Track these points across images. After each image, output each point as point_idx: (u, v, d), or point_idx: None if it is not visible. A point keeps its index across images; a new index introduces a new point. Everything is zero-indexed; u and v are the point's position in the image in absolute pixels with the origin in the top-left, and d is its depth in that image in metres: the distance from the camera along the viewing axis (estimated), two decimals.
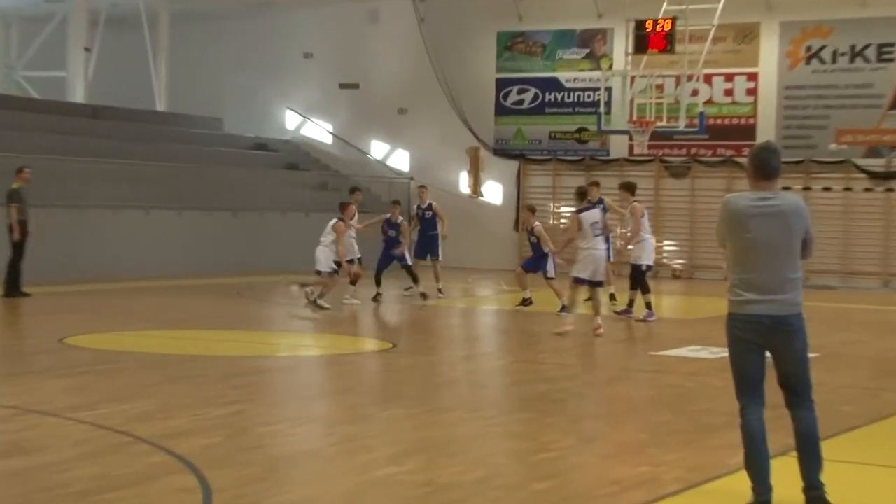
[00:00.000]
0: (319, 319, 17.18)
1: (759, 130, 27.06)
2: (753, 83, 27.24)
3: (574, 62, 29.30)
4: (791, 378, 6.16)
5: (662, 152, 28.08)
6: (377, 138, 31.85)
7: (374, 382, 11.24)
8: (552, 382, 10.99)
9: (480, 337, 16.25)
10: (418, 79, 30.63)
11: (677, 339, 14.84)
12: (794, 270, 6.11)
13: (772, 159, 6.21)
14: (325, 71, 32.14)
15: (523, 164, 29.88)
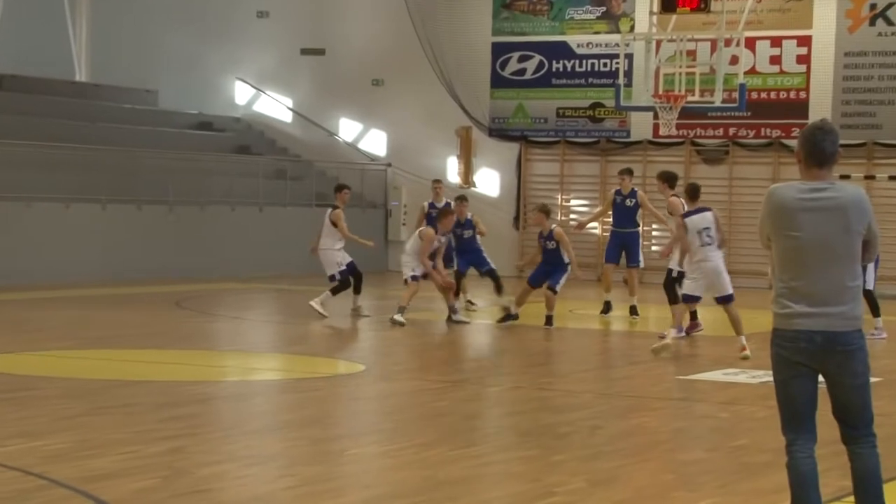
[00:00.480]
0: (275, 337, 17.19)
1: (811, 106, 27.17)
2: (805, 49, 27.36)
3: (587, 23, 29.39)
4: (848, 408, 6.20)
5: (694, 133, 28.18)
6: (347, 116, 31.89)
7: (341, 413, 11.28)
8: (559, 413, 11.04)
9: (472, 358, 16.30)
10: (397, 43, 30.68)
11: (710, 360, 14.90)
12: (854, 277, 6.14)
13: (826, 142, 6.23)
14: (283, 33, 32.16)
15: (525, 148, 29.97)
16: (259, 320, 19.42)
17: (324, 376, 13.60)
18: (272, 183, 28.86)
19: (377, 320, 19.37)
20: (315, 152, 31.43)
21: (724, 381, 12.97)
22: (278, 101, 32.47)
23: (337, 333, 18.09)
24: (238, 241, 27.07)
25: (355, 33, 31.49)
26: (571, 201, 29.66)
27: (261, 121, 32.65)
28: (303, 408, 11.31)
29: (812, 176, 6.23)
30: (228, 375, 13.54)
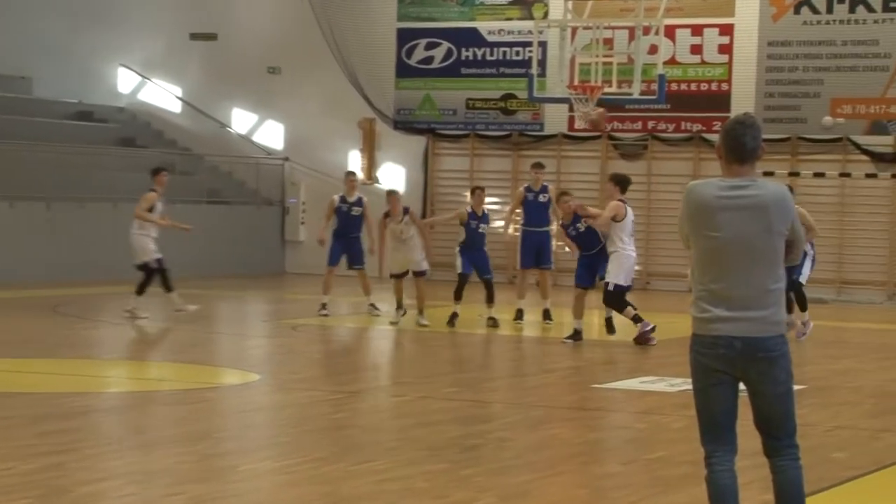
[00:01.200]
0: (161, 344, 17.07)
1: (734, 99, 27.55)
2: (727, 38, 27.73)
3: (499, 9, 29.53)
4: (770, 418, 6.29)
5: (611, 126, 28.44)
6: (240, 106, 31.72)
7: (233, 425, 11.23)
8: (467, 424, 11.09)
9: (374, 366, 16.31)
10: (295, 28, 30.58)
11: (626, 368, 15.06)
12: (776, 279, 6.22)
13: (747, 137, 6.30)
14: (170, 16, 31.91)
15: (432, 141, 30.03)
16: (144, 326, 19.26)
17: (214, 386, 13.52)
18: None
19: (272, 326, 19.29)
20: (206, 145, 31.22)
21: (640, 390, 13.11)
22: (166, 90, 32.20)
23: (229, 340, 17.99)
24: (121, 241, 26.69)
25: (250, 17, 31.33)
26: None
27: (147, 111, 32.36)
28: (191, 421, 11.24)
29: (733, 172, 6.29)
30: (111, 386, 13.43)
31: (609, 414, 11.88)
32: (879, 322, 22.10)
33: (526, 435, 10.87)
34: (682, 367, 14.03)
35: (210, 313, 21.58)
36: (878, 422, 11.64)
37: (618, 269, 16.61)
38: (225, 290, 25.12)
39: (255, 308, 23.32)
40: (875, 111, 26.82)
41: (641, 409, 12.04)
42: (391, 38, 30.17)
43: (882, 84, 26.66)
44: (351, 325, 19.79)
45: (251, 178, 30.83)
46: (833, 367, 15.87)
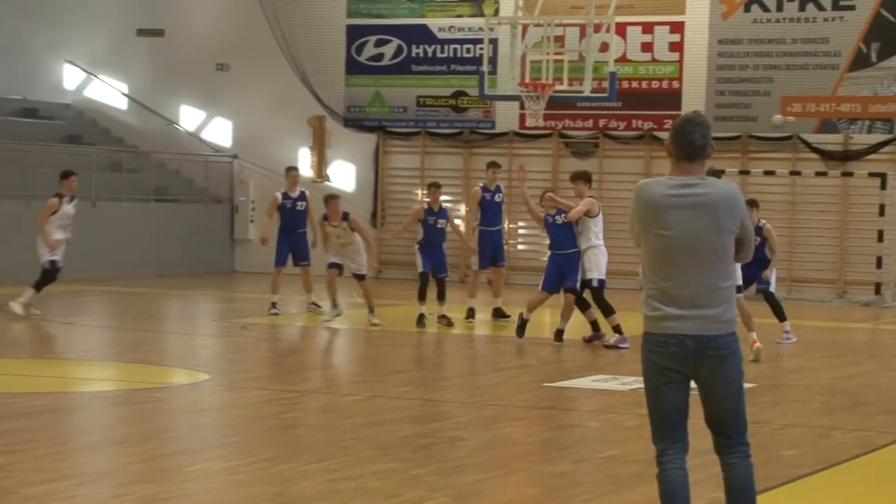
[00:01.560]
0: (109, 344, 16.99)
1: (684, 97, 27.68)
2: (678, 36, 27.88)
3: (449, 5, 29.56)
4: (721, 416, 6.34)
5: (563, 125, 28.52)
6: (188, 102, 31.58)
7: (182, 425, 11.20)
8: (419, 423, 11.10)
9: (325, 365, 16.29)
10: (244, 25, 30.48)
11: (579, 366, 15.12)
12: (726, 278, 6.27)
13: (696, 135, 6.33)
14: (117, 12, 31.73)
15: (383, 139, 30.02)
16: (91, 325, 19.16)
17: (163, 386, 13.47)
18: (106, 176, 28.46)
19: (222, 325, 19.24)
20: (153, 142, 31.06)
21: (593, 389, 13.17)
22: (112, 87, 32.00)
23: (177, 339, 17.92)
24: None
25: (197, 13, 31.20)
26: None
27: (93, 108, 32.16)
28: (140, 421, 11.20)
29: (682, 170, 6.33)
30: (57, 386, 13.34)
31: (561, 413, 11.93)
32: (829, 320, 22.29)
33: (478, 434, 10.90)
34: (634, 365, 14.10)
35: (159, 312, 21.51)
36: (828, 419, 11.75)
37: (596, 265, 16.74)
38: (174, 289, 25.02)
39: (204, 307, 23.24)
40: (825, 109, 27.03)
41: (594, 407, 12.10)
42: (341, 35, 30.13)
43: (832, 82, 26.87)
44: (301, 323, 19.77)
45: (199, 175, 30.71)
46: (783, 365, 16.00)
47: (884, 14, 26.47)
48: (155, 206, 29.15)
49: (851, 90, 26.78)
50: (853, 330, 21.40)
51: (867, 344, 19.22)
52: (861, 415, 12.05)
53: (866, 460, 9.92)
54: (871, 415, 12.07)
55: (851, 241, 26.71)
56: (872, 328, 21.96)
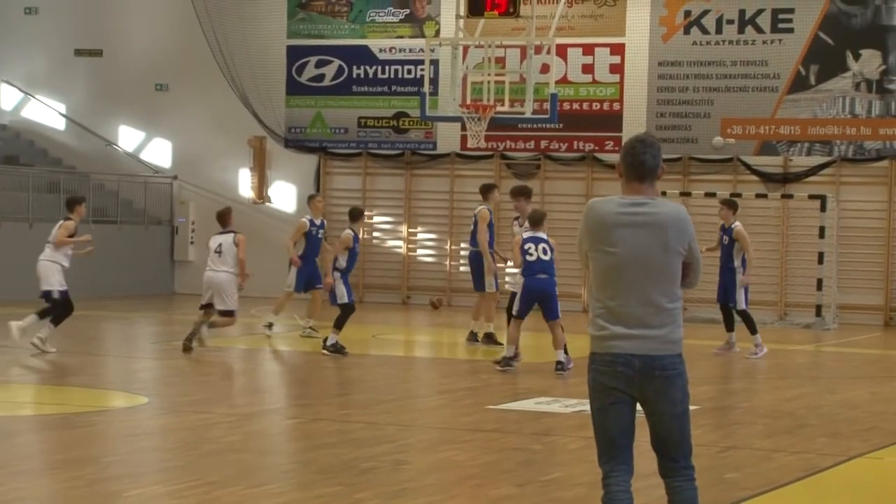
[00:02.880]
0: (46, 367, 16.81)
1: (625, 119, 27.86)
2: (619, 57, 28.04)
3: (390, 26, 29.58)
4: (666, 438, 6.34)
5: (504, 146, 28.59)
6: (127, 123, 31.41)
7: (121, 450, 11.08)
8: (361, 447, 11.05)
9: (266, 388, 16.20)
10: (183, 45, 30.36)
11: (521, 388, 15.12)
12: (672, 299, 6.29)
13: (647, 155, 6.35)
14: (54, 32, 31.52)
15: (324, 160, 29.97)
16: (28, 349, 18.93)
17: (101, 410, 13.34)
18: (44, 197, 28.20)
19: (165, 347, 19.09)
20: (92, 163, 30.84)
21: (536, 411, 13.17)
22: (50, 107, 31.78)
23: (117, 362, 17.77)
24: (5, 261, 26.36)
25: (136, 32, 31.05)
26: (374, 217, 29.74)
27: (30, 128, 31.91)
28: (77, 445, 11.08)
29: (632, 190, 6.36)
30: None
31: (504, 435, 11.92)
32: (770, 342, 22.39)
33: (421, 457, 10.86)
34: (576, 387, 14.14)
35: (97, 335, 21.32)
36: (771, 442, 11.80)
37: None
38: (113, 311, 24.81)
39: (143, 330, 23.07)
40: (765, 132, 27.28)
41: (537, 430, 12.09)
42: (281, 56, 30.08)
43: (772, 105, 27.13)
44: (243, 346, 19.65)
45: (139, 197, 30.51)
46: (726, 388, 16.07)
47: (822, 37, 26.76)
48: (94, 227, 28.78)
49: (791, 112, 27.05)
50: (795, 352, 21.55)
51: (809, 366, 19.37)
52: (803, 437, 12.11)
53: (809, 482, 9.97)
54: (814, 437, 12.14)
55: (792, 264, 26.93)
56: (814, 350, 22.13)
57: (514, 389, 15.02)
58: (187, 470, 9.97)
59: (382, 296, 28.91)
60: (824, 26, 26.75)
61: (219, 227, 18.15)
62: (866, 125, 26.87)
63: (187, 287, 30.01)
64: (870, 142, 26.86)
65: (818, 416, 13.50)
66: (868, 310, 26.74)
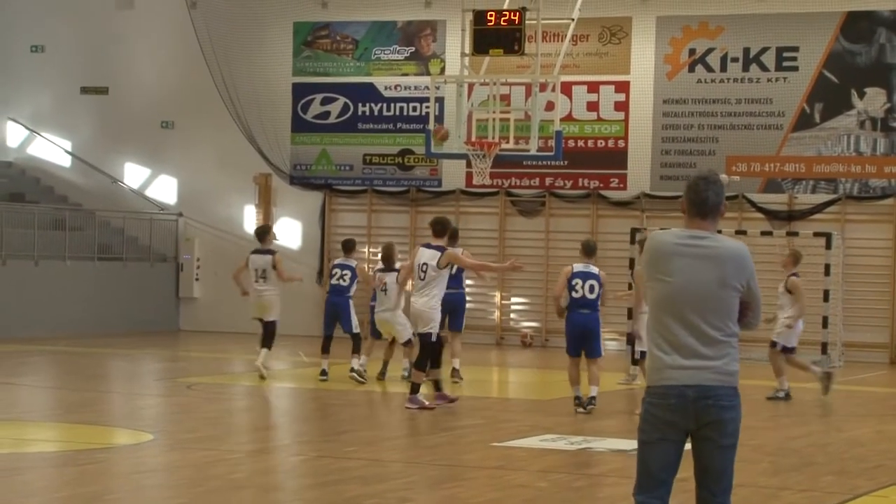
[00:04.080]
0: (51, 404, 16.82)
1: (630, 156, 27.90)
2: (623, 95, 28.12)
3: (395, 64, 29.68)
4: (710, 470, 6.34)
5: (509, 183, 28.64)
6: (133, 160, 31.49)
7: (125, 487, 11.08)
8: (365, 484, 11.05)
9: (271, 425, 16.19)
10: (188, 82, 30.47)
11: (527, 425, 15.10)
12: (727, 332, 6.32)
13: (710, 192, 6.47)
14: (60, 69, 31.64)
15: (329, 197, 30.02)
16: (34, 386, 18.95)
17: (106, 447, 13.34)
18: (49, 234, 28.27)
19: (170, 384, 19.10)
20: (97, 200, 30.90)
21: (541, 448, 13.15)
22: (55, 144, 31.87)
23: (121, 399, 17.77)
24: (10, 299, 26.41)
25: (142, 70, 31.17)
26: (380, 254, 29.66)
27: (36, 165, 31.99)
28: (82, 483, 11.08)
29: (694, 226, 6.46)
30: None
31: (509, 472, 11.90)
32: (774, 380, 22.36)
33: (426, 494, 10.86)
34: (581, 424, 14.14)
35: (102, 372, 21.34)
36: (777, 480, 11.79)
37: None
38: (118, 349, 24.82)
39: (148, 366, 23.07)
40: (770, 169, 27.32)
41: (542, 467, 12.07)
42: (287, 93, 30.17)
43: (777, 142, 27.17)
44: (247, 383, 19.65)
45: (144, 233, 30.56)
46: None
47: (826, 75, 26.83)
48: (99, 264, 28.96)
49: (796, 150, 27.10)
50: (801, 390, 21.50)
51: (815, 404, 19.32)
52: (809, 475, 12.10)
53: None
54: (820, 475, 12.12)
55: None
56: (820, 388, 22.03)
57: (519, 427, 15.00)
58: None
59: None
60: (829, 64, 26.83)
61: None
62: (871, 163, 26.91)
63: (192, 324, 30.05)
64: (875, 179, 26.89)
65: (824, 455, 13.48)
66: (874, 348, 26.70)
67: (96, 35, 31.39)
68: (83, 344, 25.09)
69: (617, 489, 11.00)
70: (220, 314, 29.58)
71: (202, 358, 21.72)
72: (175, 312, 30.59)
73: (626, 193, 27.85)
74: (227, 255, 28.87)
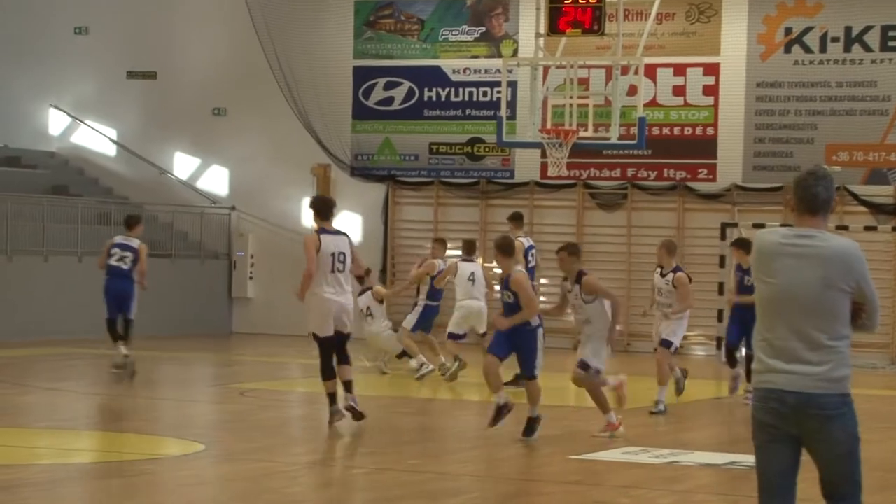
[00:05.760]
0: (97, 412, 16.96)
1: (720, 144, 27.73)
2: (713, 78, 27.95)
3: (464, 46, 29.68)
4: (829, 479, 6.45)
5: (588, 174, 28.55)
6: (182, 150, 31.71)
7: (174, 500, 11.15)
8: (433, 499, 11.03)
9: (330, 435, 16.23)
10: (242, 66, 30.62)
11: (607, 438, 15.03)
12: (834, 336, 6.39)
13: (819, 188, 6.57)
14: (106, 53, 31.91)
15: (393, 189, 30.07)
16: (78, 392, 19.12)
17: (154, 457, 13.42)
18: (94, 229, 28.51)
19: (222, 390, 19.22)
20: (145, 193, 31.15)
21: (623, 462, 13.09)
22: (100, 133, 32.15)
23: (170, 407, 17.89)
24: (53, 297, 26.66)
25: (193, 54, 31.36)
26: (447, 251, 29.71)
27: (80, 155, 32.29)
28: (129, 496, 11.16)
29: (804, 223, 6.54)
30: (40, 458, 13.32)
31: (588, 488, 11.85)
32: (883, 388, 22.16)
33: None
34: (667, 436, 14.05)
35: (150, 377, 21.47)
36: (882, 497, 11.65)
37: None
38: (166, 352, 25.00)
39: (199, 371, 23.22)
40: (874, 159, 27.04)
41: (624, 482, 12.01)
42: (347, 78, 30.25)
43: (881, 129, 26.89)
44: (303, 389, 19.71)
45: (195, 228, 30.76)
46: None
47: None
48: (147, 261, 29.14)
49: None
50: None
51: None
52: None
53: None
54: None
55: None
56: None
57: (600, 438, 14.94)
58: None
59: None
60: None
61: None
62: None
63: (246, 326, 30.21)
64: None
65: None
66: None
67: (144, 15, 31.62)
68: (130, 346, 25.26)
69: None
70: (275, 315, 29.70)
71: (256, 362, 21.83)
72: (227, 313, 30.76)
73: (715, 185, 27.67)
74: (283, 253, 29.02)
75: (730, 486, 11.78)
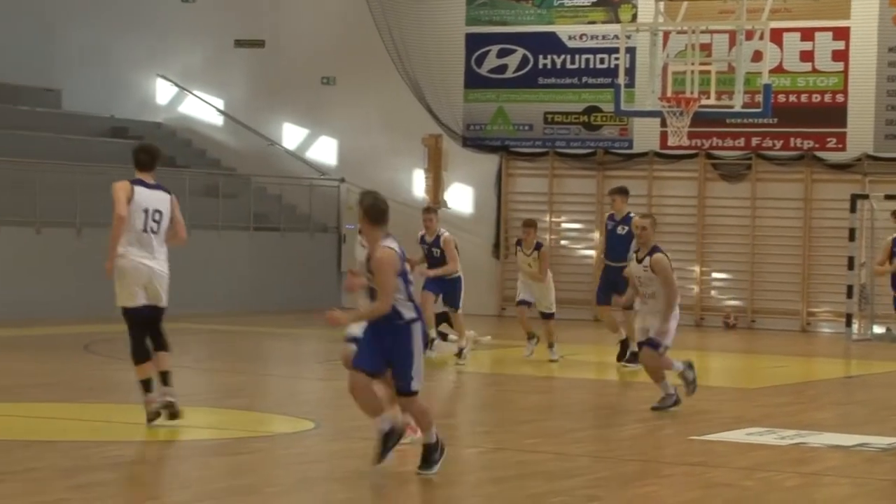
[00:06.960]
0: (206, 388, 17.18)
1: (850, 112, 27.41)
2: (843, 43, 27.62)
3: (581, 11, 29.59)
4: None
5: (710, 144, 28.37)
6: (291, 120, 31.95)
7: (286, 479, 11.27)
8: (550, 480, 11.07)
9: (445, 413, 16.31)
10: (351, 34, 30.76)
11: (730, 417, 14.97)
12: None
13: None
14: (213, 21, 32.21)
15: (506, 160, 30.09)
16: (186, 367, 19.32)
17: (265, 435, 13.58)
18: (201, 201, 28.82)
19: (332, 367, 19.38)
20: (252, 165, 31.43)
21: (746, 443, 13.04)
22: (208, 103, 32.48)
23: (279, 384, 18.07)
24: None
25: (301, 22, 31.56)
26: (563, 224, 29.76)
27: (187, 126, 32.65)
28: (239, 473, 11.30)
29: None
30: (149, 434, 13.52)
31: (711, 469, 11.83)
32: None
33: (617, 493, 10.85)
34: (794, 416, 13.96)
35: (259, 353, 21.73)
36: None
37: None
38: (275, 327, 25.24)
39: (309, 347, 23.41)
40: None
41: (748, 464, 11.97)
42: (459, 45, 30.28)
43: None
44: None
45: (303, 201, 30.98)
46: None
47: None
48: (255, 234, 29.47)
49: None
50: None
51: None
52: None
53: None
54: None
55: None
56: None
57: (722, 419, 14.88)
58: (358, 503, 10.10)
59: (572, 311, 28.76)
60: None
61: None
62: None
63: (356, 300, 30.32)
64: None
65: None
66: None
67: None
68: (237, 322, 25.54)
69: (836, 489, 10.87)
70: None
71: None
72: (337, 288, 30.94)
73: (845, 155, 27.35)
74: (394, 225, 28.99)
75: (860, 468, 11.69)
